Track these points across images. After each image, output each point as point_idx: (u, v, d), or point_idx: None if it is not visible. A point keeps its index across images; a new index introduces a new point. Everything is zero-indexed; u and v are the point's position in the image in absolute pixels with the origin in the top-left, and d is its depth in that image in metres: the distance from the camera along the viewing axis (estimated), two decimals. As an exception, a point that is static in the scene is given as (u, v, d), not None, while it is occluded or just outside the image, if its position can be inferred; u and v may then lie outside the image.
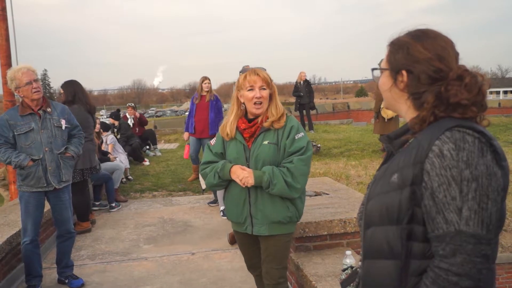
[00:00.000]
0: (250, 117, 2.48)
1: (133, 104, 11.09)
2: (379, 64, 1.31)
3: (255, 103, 2.39)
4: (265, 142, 2.40)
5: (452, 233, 1.04)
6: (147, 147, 10.68)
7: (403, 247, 1.13)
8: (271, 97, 2.45)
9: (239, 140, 2.46)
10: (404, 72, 1.20)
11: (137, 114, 10.53)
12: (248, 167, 2.41)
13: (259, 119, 2.44)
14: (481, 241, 1.02)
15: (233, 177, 2.39)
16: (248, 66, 2.67)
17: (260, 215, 2.43)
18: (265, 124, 2.41)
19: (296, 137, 2.39)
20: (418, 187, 1.10)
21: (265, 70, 2.47)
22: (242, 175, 2.35)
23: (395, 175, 1.16)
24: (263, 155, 2.39)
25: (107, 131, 7.86)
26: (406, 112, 1.25)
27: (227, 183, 2.50)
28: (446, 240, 1.04)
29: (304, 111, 12.19)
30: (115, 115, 9.95)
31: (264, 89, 2.39)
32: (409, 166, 1.12)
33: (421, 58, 1.18)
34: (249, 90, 2.39)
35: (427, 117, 1.15)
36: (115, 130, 9.37)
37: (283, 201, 2.42)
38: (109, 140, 7.66)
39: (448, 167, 1.05)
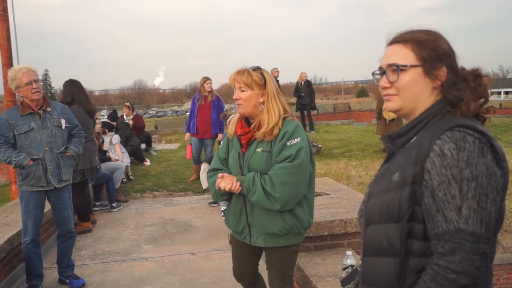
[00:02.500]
0: (251, 121, 2.38)
1: (128, 104, 10.64)
2: (392, 63, 1.24)
3: (237, 104, 2.32)
4: (259, 150, 2.28)
5: (452, 231, 1.05)
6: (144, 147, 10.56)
7: (402, 245, 1.14)
8: (264, 100, 2.29)
9: (235, 146, 2.40)
10: (444, 69, 1.20)
11: (131, 122, 9.95)
12: (242, 173, 2.33)
13: (252, 127, 2.32)
14: (480, 239, 1.04)
15: (221, 187, 2.29)
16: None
17: (256, 225, 2.33)
18: (257, 136, 2.27)
19: (288, 144, 2.21)
20: (419, 186, 1.12)
21: (257, 69, 2.32)
22: (223, 184, 2.27)
23: (396, 174, 1.17)
24: (254, 163, 2.28)
25: (111, 130, 7.85)
26: (423, 106, 1.23)
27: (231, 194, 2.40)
28: (445, 238, 1.06)
29: (305, 112, 12.21)
30: (112, 116, 9.82)
31: (244, 90, 2.28)
32: (410, 165, 1.14)
33: (453, 56, 1.22)
34: (235, 91, 2.34)
35: (472, 112, 1.17)
36: (113, 130, 9.31)
37: (279, 212, 2.25)
38: (115, 140, 7.64)
39: (448, 166, 1.07)
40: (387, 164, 1.27)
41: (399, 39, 1.26)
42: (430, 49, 1.21)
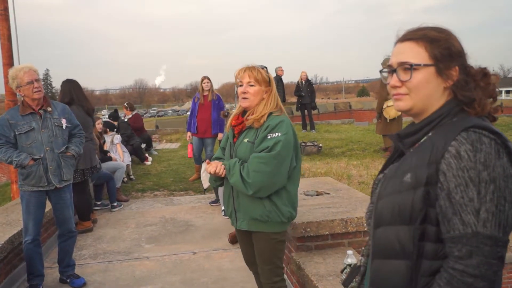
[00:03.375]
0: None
1: (126, 104, 10.53)
2: (404, 61, 1.20)
3: (242, 98, 2.49)
4: (245, 140, 2.47)
5: (469, 235, 1.03)
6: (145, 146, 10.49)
7: (415, 247, 1.12)
8: (267, 96, 2.51)
9: (229, 137, 2.61)
10: (457, 68, 1.17)
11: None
12: None
13: (245, 117, 2.51)
14: (498, 243, 1.02)
15: (210, 171, 2.50)
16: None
17: (241, 210, 2.50)
18: (247, 123, 2.47)
19: (268, 136, 2.38)
20: (433, 187, 1.09)
21: (265, 68, 2.54)
22: (210, 168, 2.49)
23: (408, 175, 1.14)
24: (240, 152, 2.47)
25: (113, 130, 7.84)
26: (434, 106, 1.20)
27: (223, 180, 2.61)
28: (462, 242, 1.04)
29: (306, 111, 12.20)
30: (113, 116, 9.78)
31: (252, 85, 2.46)
32: (424, 166, 1.11)
33: (464, 55, 1.19)
34: (239, 86, 2.51)
35: (484, 111, 1.15)
36: (115, 130, 9.32)
37: (259, 199, 2.42)
38: (116, 139, 7.63)
39: (465, 168, 1.04)
40: (396, 164, 1.23)
41: (410, 37, 1.20)
42: (443, 47, 1.17)
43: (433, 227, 1.10)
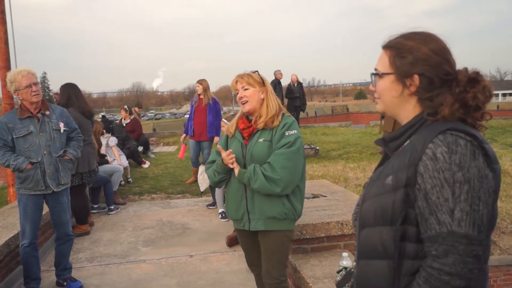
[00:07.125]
0: (250, 117, 2.64)
1: (126, 107, 10.45)
2: (376, 68, 1.30)
3: (241, 103, 2.59)
4: (261, 140, 2.54)
5: (445, 234, 1.06)
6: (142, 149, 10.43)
7: (396, 247, 1.15)
8: (264, 96, 2.61)
9: (238, 139, 2.65)
10: (416, 76, 1.20)
11: (128, 127, 9.64)
12: (244, 162, 2.57)
13: (253, 120, 2.60)
14: (473, 241, 1.05)
15: (225, 162, 2.56)
16: None
17: (257, 210, 2.53)
18: (259, 126, 2.55)
19: (286, 133, 2.49)
20: (412, 189, 1.13)
21: (256, 72, 2.65)
22: (227, 157, 2.54)
23: (389, 177, 1.18)
24: (257, 151, 2.53)
25: (108, 132, 7.83)
26: (408, 115, 1.25)
27: (229, 178, 2.66)
28: (438, 241, 1.07)
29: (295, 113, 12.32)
30: (105, 121, 9.64)
31: (247, 89, 2.56)
32: (403, 168, 1.15)
33: (432, 62, 1.19)
34: (236, 94, 2.62)
35: (449, 116, 1.15)
36: (110, 132, 9.23)
37: (278, 197, 2.49)
38: (111, 142, 7.62)
39: (441, 169, 1.08)
40: (381, 167, 1.28)
41: (386, 45, 1.29)
42: (404, 56, 1.22)
43: (413, 228, 1.14)
